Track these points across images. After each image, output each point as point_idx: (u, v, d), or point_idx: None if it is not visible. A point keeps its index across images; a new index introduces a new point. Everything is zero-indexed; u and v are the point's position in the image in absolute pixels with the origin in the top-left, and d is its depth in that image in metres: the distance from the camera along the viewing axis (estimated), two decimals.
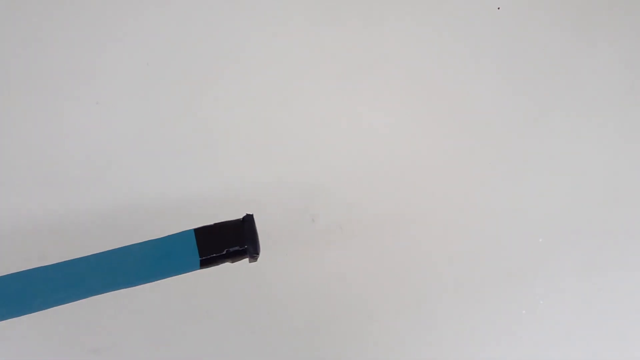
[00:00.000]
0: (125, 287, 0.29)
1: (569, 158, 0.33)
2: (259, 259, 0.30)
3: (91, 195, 0.31)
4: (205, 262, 0.29)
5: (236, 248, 0.29)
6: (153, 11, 0.34)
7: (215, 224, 0.30)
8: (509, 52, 0.35)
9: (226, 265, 0.30)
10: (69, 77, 0.33)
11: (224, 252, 0.29)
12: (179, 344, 0.30)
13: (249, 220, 0.30)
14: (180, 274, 0.29)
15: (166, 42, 0.34)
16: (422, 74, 0.34)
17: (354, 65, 0.34)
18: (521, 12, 0.35)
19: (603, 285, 0.32)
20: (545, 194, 0.33)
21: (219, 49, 0.34)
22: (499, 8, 0.35)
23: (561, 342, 0.31)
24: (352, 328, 0.31)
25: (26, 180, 0.31)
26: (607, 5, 0.36)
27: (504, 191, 0.33)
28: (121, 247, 0.29)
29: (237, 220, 0.30)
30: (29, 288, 0.28)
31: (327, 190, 0.32)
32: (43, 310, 0.28)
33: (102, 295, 0.28)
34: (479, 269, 0.31)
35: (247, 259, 0.30)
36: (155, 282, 0.29)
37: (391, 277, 0.31)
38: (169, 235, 0.29)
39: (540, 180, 0.33)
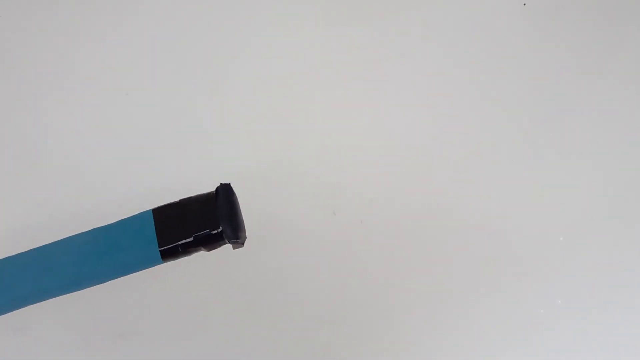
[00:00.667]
0: (67, 292, 0.22)
1: (593, 156, 0.33)
2: (275, 248, 0.24)
3: (120, 185, 0.31)
4: (169, 254, 0.21)
5: (208, 232, 0.21)
6: (181, 6, 0.34)
7: (181, 201, 0.22)
8: (532, 48, 0.34)
9: (248, 255, 0.29)
10: (99, 69, 0.33)
11: (192, 239, 0.21)
12: (202, 329, 0.30)
13: (224, 192, 0.22)
14: (138, 270, 0.22)
15: (194, 37, 0.34)
16: (445, 70, 0.34)
17: (376, 62, 0.34)
18: (547, 8, 0.35)
19: (623, 285, 0.31)
20: (568, 191, 0.32)
21: (243, 46, 0.34)
22: (524, 4, 0.34)
23: (579, 342, 0.30)
24: (369, 322, 0.31)
25: (56, 170, 0.32)
26: (634, 1, 0.35)
27: (525, 188, 0.32)
28: (56, 242, 0.22)
29: (209, 194, 0.22)
30: None
31: (349, 184, 0.32)
32: (67, 298, 0.25)
33: (125, 281, 0.27)
34: (498, 266, 0.31)
35: (229, 246, 0.23)
36: (168, 271, 0.25)
37: (410, 272, 0.31)
38: (119, 221, 0.22)
39: (562, 178, 0.33)
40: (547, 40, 0.35)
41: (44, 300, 0.23)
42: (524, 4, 0.35)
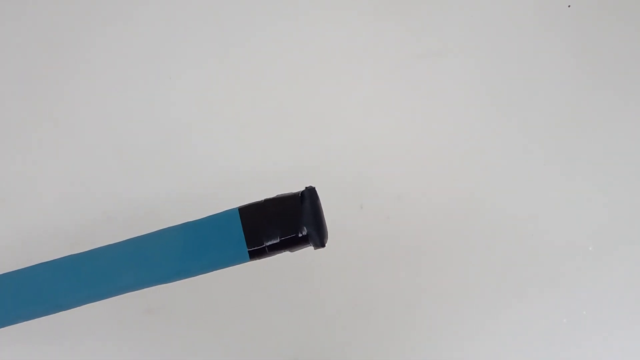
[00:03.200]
0: (158, 284, 0.23)
1: (627, 164, 0.32)
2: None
3: (162, 170, 0.32)
4: (257, 254, 0.22)
5: (293, 235, 0.22)
6: None
7: (266, 201, 0.23)
8: (572, 51, 0.33)
9: None
10: (143, 51, 0.34)
11: (278, 241, 0.22)
12: (227, 311, 0.31)
13: (310, 195, 0.22)
14: (224, 267, 0.23)
15: (238, 22, 0.34)
16: (478, 69, 0.33)
17: (408, 58, 0.33)
18: (591, 10, 0.33)
19: None
20: (600, 201, 0.32)
21: (283, 35, 0.34)
22: (569, 6, 0.33)
23: (602, 354, 0.30)
24: (391, 320, 0.31)
25: (99, 155, 0.32)
26: None
27: (557, 194, 0.32)
28: (140, 236, 0.23)
29: (293, 196, 0.23)
30: (22, 292, 0.23)
31: (378, 179, 0.32)
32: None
33: None
34: (524, 270, 0.31)
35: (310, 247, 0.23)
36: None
37: (434, 272, 0.31)
38: (207, 217, 0.23)
39: (594, 187, 0.32)
40: (588, 43, 0.33)
41: (137, 290, 0.24)
42: (569, 6, 0.33)
